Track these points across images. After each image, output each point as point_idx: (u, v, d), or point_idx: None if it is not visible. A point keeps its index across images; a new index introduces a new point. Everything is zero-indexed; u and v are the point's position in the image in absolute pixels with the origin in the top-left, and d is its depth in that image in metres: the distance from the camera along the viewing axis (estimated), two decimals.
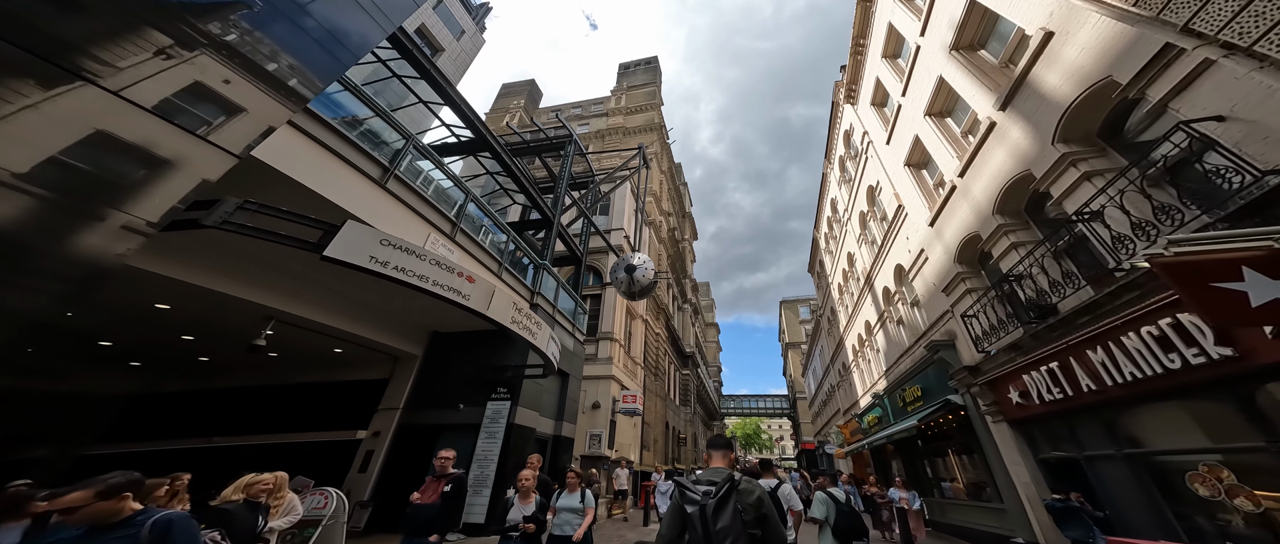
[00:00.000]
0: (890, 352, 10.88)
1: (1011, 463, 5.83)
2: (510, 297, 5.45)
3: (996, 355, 5.81)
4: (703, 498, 1.70)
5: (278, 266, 5.47)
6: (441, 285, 4.13)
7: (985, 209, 6.18)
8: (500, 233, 8.63)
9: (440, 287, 4.11)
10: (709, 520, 1.65)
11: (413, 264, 3.90)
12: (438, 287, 4.08)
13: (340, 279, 5.82)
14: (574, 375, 10.60)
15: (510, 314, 5.20)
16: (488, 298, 4.77)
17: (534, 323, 5.92)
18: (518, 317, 5.44)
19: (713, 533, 1.62)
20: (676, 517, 1.76)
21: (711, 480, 1.79)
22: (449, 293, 4.18)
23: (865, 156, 11.01)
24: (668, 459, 20.24)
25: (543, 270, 9.78)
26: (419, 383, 7.92)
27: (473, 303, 4.48)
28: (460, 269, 4.48)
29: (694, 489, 1.76)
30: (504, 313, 5.06)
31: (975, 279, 6.85)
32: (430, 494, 3.38)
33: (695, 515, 1.67)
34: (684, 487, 1.80)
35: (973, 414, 6.80)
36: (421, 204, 6.08)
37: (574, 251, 13.37)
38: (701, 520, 1.65)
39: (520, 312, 5.54)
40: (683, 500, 1.75)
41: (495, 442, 7.11)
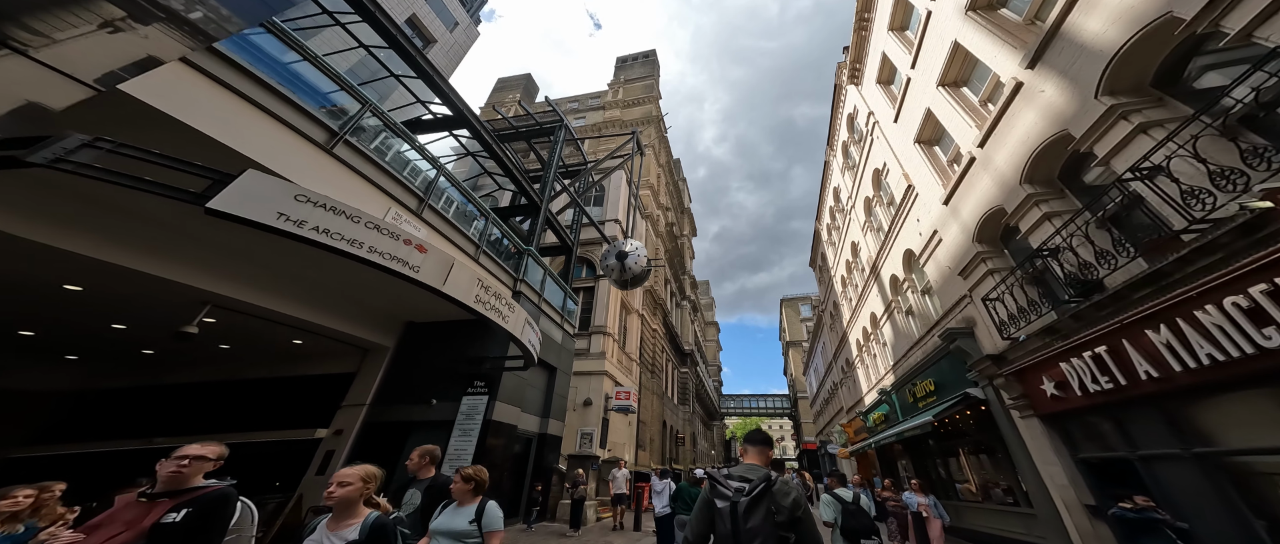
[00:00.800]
0: (898, 344, 10.18)
1: (1044, 463, 5.13)
2: (475, 273, 4.78)
3: (1026, 342, 5.12)
4: (735, 494, 1.63)
5: (214, 243, 4.80)
6: (381, 253, 3.46)
7: (1011, 179, 5.50)
8: (479, 215, 7.95)
9: (380, 254, 3.44)
10: (739, 518, 1.57)
11: (340, 226, 3.23)
12: (375, 254, 3.41)
13: (287, 256, 5.15)
14: (562, 370, 9.92)
15: (473, 292, 4.52)
16: (443, 271, 4.09)
17: (505, 305, 5.25)
18: (484, 296, 4.76)
19: (742, 531, 1.55)
20: (705, 511, 1.69)
21: (746, 477, 1.70)
22: (390, 262, 3.51)
23: (870, 139, 10.33)
24: (665, 459, 19.54)
25: (528, 256, 9.11)
26: (389, 377, 7.24)
27: (423, 276, 3.80)
28: (408, 236, 3.80)
29: (726, 484, 1.68)
30: (464, 290, 4.38)
31: (998, 259, 6.16)
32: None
33: (725, 511, 1.61)
34: (716, 480, 1.72)
35: (995, 409, 6.11)
36: (380, 174, 5.41)
37: (565, 241, 12.70)
38: (731, 517, 1.59)
39: (487, 290, 4.86)
40: (713, 495, 1.68)
41: (470, 440, 6.43)
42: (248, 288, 5.26)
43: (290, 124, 4.22)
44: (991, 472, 7.12)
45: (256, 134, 3.81)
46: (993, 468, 7.08)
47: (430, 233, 6.29)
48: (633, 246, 10.56)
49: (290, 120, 4.23)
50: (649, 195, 22.70)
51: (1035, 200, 5.12)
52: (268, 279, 5.47)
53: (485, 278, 5.31)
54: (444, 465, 6.30)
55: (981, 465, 7.51)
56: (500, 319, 5.07)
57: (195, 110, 3.29)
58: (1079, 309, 4.27)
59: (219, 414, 7.28)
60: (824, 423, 24.27)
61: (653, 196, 23.00)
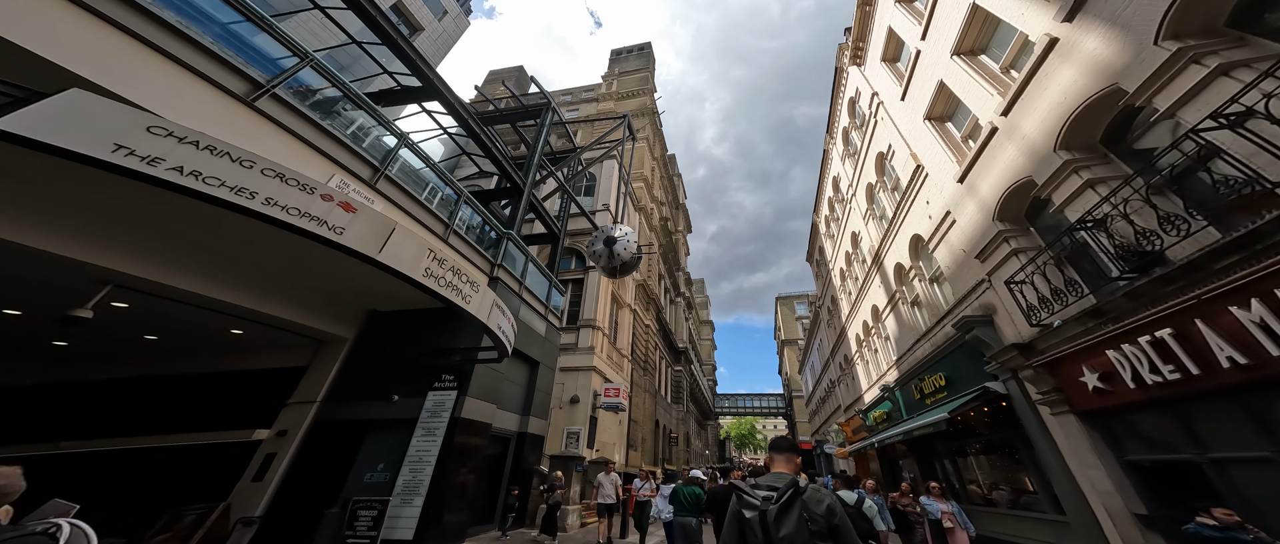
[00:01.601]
0: (903, 338, 9.56)
1: (1083, 466, 4.49)
2: (425, 243, 4.01)
3: (1062, 328, 4.47)
4: (763, 503, 1.57)
5: (111, 212, 3.97)
6: (285, 207, 2.68)
7: (1042, 147, 4.86)
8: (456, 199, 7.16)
9: (282, 208, 2.67)
10: (770, 527, 1.50)
11: (220, 169, 2.45)
12: (275, 207, 2.64)
13: (208, 229, 4.33)
14: (545, 364, 9.15)
15: (421, 264, 3.76)
16: (378, 235, 3.32)
17: (467, 284, 4.48)
18: (439, 271, 3.99)
19: (774, 541, 1.48)
20: (735, 524, 1.62)
21: (773, 486, 1.65)
22: (299, 219, 2.74)
23: (874, 121, 9.70)
24: (657, 459, 18.82)
25: (507, 241, 8.34)
26: (346, 371, 6.42)
27: (350, 240, 3.03)
28: (328, 192, 3.04)
29: (753, 493, 1.63)
30: (409, 260, 3.61)
31: (1023, 238, 5.52)
32: None
33: (754, 521, 1.54)
34: (742, 491, 1.67)
35: (1019, 405, 5.47)
36: (321, 137, 4.62)
37: (551, 229, 11.93)
38: (761, 527, 1.52)
39: (442, 264, 4.09)
40: (740, 505, 1.62)
41: (434, 439, 5.65)
42: (163, 267, 4.43)
43: (195, 69, 3.42)
44: (1011, 474, 6.48)
45: (141, 76, 3.02)
46: (1013, 470, 6.45)
47: (388, 206, 5.51)
48: (622, 232, 9.81)
49: (195, 65, 3.44)
50: (642, 188, 21.99)
51: (1074, 167, 4.47)
52: (190, 257, 4.64)
53: (442, 251, 4.55)
54: (404, 468, 5.53)
55: (999, 467, 6.88)
56: (460, 299, 4.30)
57: (54, 42, 2.50)
58: (1135, 286, 3.62)
59: (143, 414, 6.39)
60: (820, 422, 23.72)
61: (646, 189, 22.29)
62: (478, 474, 6.66)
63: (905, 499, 5.57)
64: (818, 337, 21.51)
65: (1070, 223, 4.40)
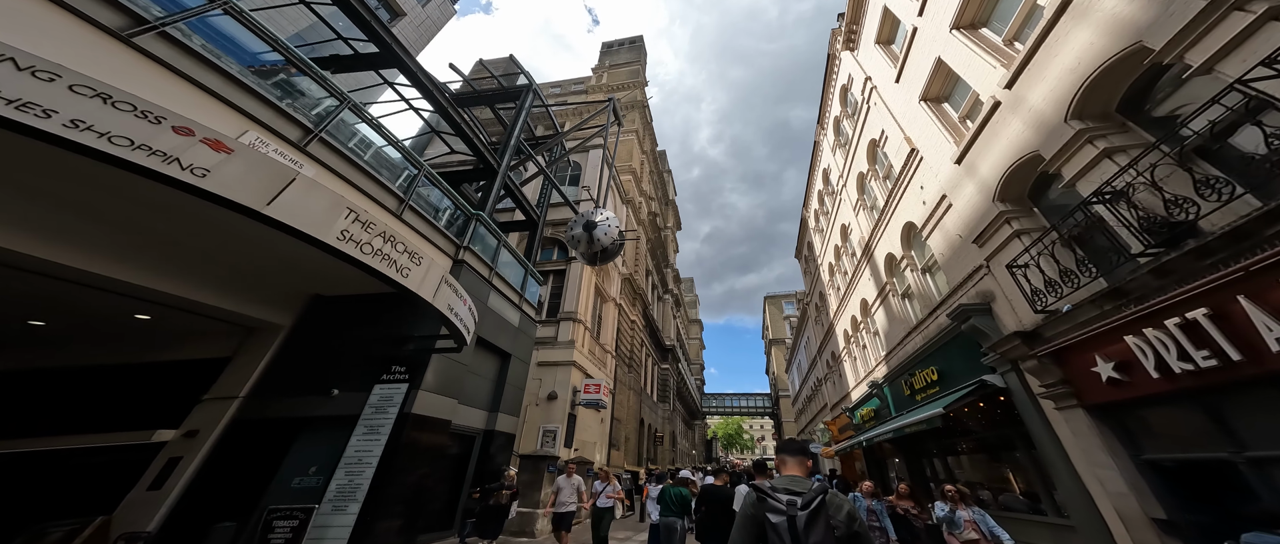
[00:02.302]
0: (892, 332, 9.18)
1: (1094, 465, 4.07)
2: (341, 200, 3.34)
3: (1072, 313, 4.05)
4: (788, 508, 1.52)
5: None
6: (101, 132, 1.99)
7: (1051, 118, 4.44)
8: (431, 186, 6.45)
9: (96, 133, 1.98)
10: (800, 534, 1.47)
11: None
12: (91, 134, 1.95)
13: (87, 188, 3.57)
14: (518, 357, 8.48)
15: (335, 224, 3.08)
16: (268, 185, 2.65)
17: (406, 256, 3.82)
18: (362, 234, 3.32)
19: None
20: (751, 528, 1.56)
21: (791, 489, 1.60)
22: (122, 149, 2.04)
23: (866, 107, 9.31)
24: (641, 459, 18.25)
25: (476, 222, 7.66)
26: (279, 362, 5.66)
27: (216, 184, 2.34)
28: (188, 125, 2.36)
29: (777, 497, 1.57)
30: (316, 218, 2.93)
31: (1026, 219, 5.11)
32: None
33: (782, 527, 1.50)
34: (765, 494, 1.61)
35: (1019, 399, 5.05)
36: (227, 86, 3.89)
37: (530, 215, 11.24)
38: (790, 533, 1.48)
39: (368, 228, 3.42)
40: (765, 510, 1.56)
41: (377, 438, 4.94)
42: (32, 238, 3.64)
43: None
44: (1007, 474, 6.09)
45: None
46: (1010, 469, 6.06)
47: (322, 172, 4.79)
48: (603, 217, 9.20)
49: None
50: (631, 181, 21.40)
51: (1089, 137, 4.05)
52: (73, 225, 3.85)
53: (371, 212, 3.87)
54: (339, 471, 4.82)
55: (994, 466, 6.50)
56: (394, 272, 3.63)
57: None
58: (1163, 262, 3.18)
59: (23, 414, 5.48)
60: (806, 421, 23.48)
61: (634, 182, 21.71)
62: (434, 476, 5.98)
63: (906, 502, 4.78)
64: (805, 334, 21.24)
65: (1083, 197, 3.97)
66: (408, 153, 6.18)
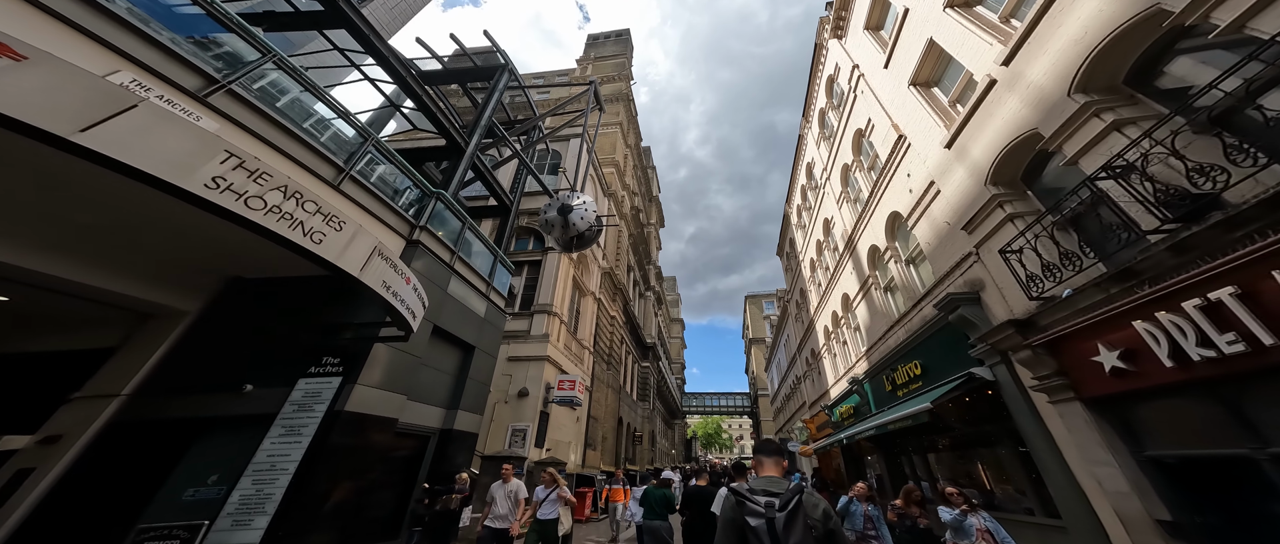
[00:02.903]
0: (874, 326, 8.96)
1: (1090, 462, 3.77)
2: (219, 141, 2.61)
3: (1073, 298, 3.74)
4: (767, 510, 1.51)
5: None
6: None
7: (1054, 92, 4.15)
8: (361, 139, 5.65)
9: None
10: (779, 535, 1.45)
11: None
12: None
13: None
14: (483, 350, 7.74)
15: (202, 167, 2.35)
16: (94, 107, 1.91)
17: (316, 215, 3.10)
18: (247, 184, 2.59)
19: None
20: (733, 532, 1.53)
21: (769, 490, 1.60)
22: None
23: (853, 96, 9.05)
24: (619, 459, 17.67)
25: (436, 200, 6.90)
26: (180, 353, 4.75)
27: None
28: None
29: (754, 500, 1.55)
30: (169, 156, 2.20)
31: (1020, 202, 4.84)
32: None
33: (761, 529, 1.48)
34: (743, 497, 1.59)
35: (1009, 393, 4.77)
36: (98, 20, 3.09)
37: (503, 200, 10.47)
38: (769, 534, 1.47)
39: (261, 180, 2.70)
40: (743, 512, 1.55)
41: (298, 440, 4.16)
42: None
43: None
44: (993, 472, 5.85)
45: None
46: (995, 467, 5.82)
47: (228, 128, 3.98)
48: (579, 200, 8.59)
49: None
50: (613, 174, 20.79)
51: (1095, 110, 3.75)
52: None
53: (264, 160, 3.14)
54: (244, 480, 4.02)
55: (978, 464, 6.26)
56: (298, 233, 2.91)
57: None
58: (1182, 238, 2.86)
59: None
60: (784, 420, 23.48)
61: (617, 175, 21.12)
62: (377, 481, 5.22)
63: (914, 509, 3.96)
64: (785, 332, 21.18)
65: (1088, 174, 3.66)
66: (339, 108, 5.35)
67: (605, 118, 24.03)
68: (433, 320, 6.35)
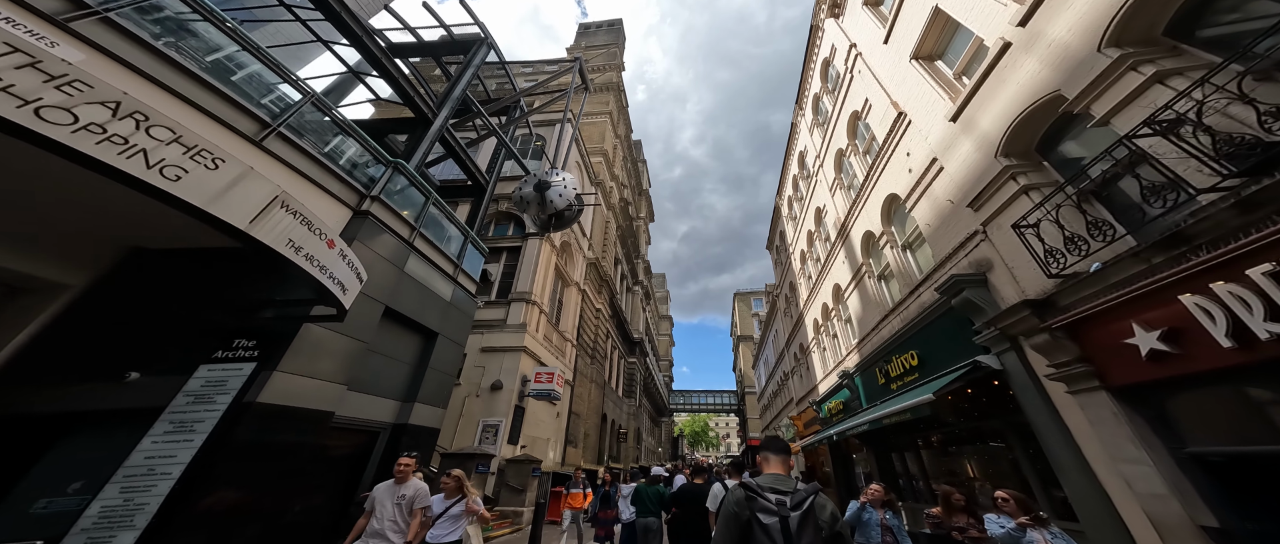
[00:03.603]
0: (866, 317, 8.53)
1: (1118, 460, 3.31)
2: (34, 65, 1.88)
3: (1101, 273, 3.26)
4: (779, 508, 1.47)
5: None
6: None
7: (1080, 49, 3.68)
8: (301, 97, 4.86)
9: None
10: (794, 534, 1.41)
11: None
12: None
13: None
14: (448, 337, 6.98)
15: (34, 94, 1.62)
16: None
17: (183, 151, 2.38)
18: (91, 113, 1.87)
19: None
20: (736, 527, 1.47)
21: (777, 488, 1.54)
22: None
23: (850, 77, 8.59)
24: (602, 457, 17.03)
25: (393, 170, 6.15)
26: (52, 336, 3.92)
27: None
28: None
29: (766, 496, 1.51)
30: None
31: (1036, 173, 4.37)
32: None
33: (774, 528, 1.43)
34: (756, 493, 1.52)
35: (1019, 383, 4.31)
36: None
37: (477, 178, 9.69)
38: (783, 533, 1.42)
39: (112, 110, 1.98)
40: (756, 509, 1.48)
41: (187, 439, 3.40)
42: None
43: None
44: (994, 471, 5.42)
45: None
46: (996, 466, 5.39)
47: (97, 58, 3.19)
48: (558, 177, 7.93)
49: None
50: (601, 163, 20.09)
51: (1133, 63, 3.27)
52: None
53: (159, 107, 2.41)
54: (112, 485, 3.23)
55: (978, 462, 5.84)
56: (136, 164, 2.19)
57: None
58: (1254, 192, 2.37)
59: None
60: (771, 417, 23.20)
61: (606, 166, 20.42)
62: (304, 485, 4.48)
63: (959, 518, 3.32)
64: (773, 327, 20.85)
65: (1122, 134, 3.18)
66: (246, 41, 4.54)
67: (595, 107, 23.31)
68: (385, 302, 5.61)
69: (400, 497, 3.47)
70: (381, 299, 5.56)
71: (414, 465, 3.59)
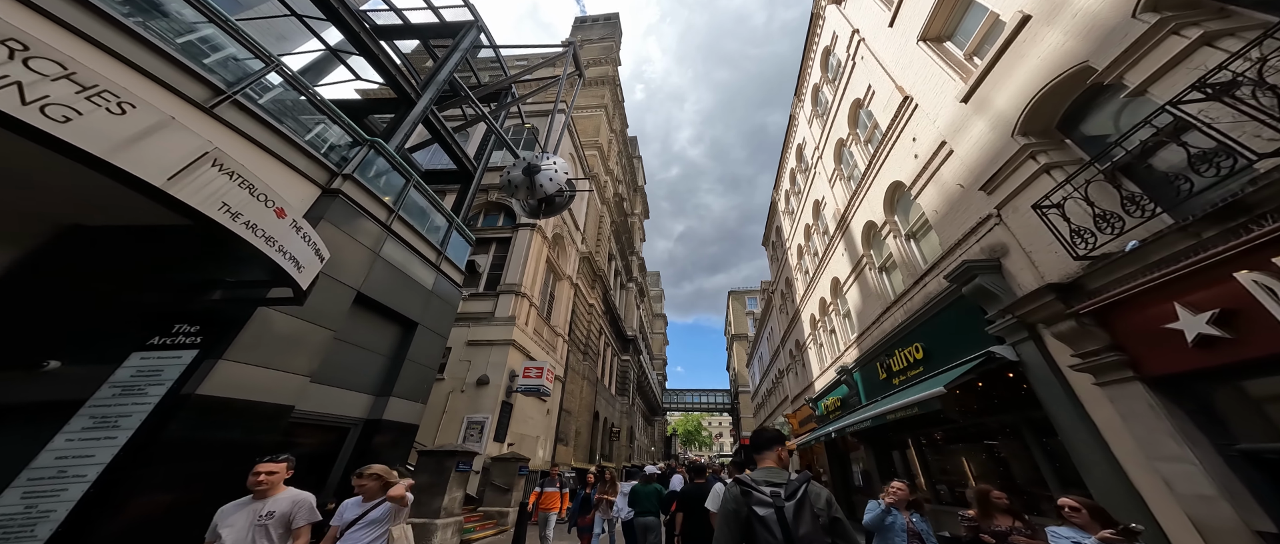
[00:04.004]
0: (866, 311, 8.24)
1: (1157, 458, 3.01)
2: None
3: (1138, 252, 2.96)
4: (774, 499, 1.46)
5: None
6: None
7: (1111, 17, 3.38)
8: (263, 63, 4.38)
9: None
10: (790, 524, 1.40)
11: None
12: None
13: None
14: (429, 328, 6.52)
15: None
16: None
17: (87, 96, 1.95)
18: None
19: (796, 538, 1.38)
20: (735, 524, 1.46)
21: (771, 481, 1.54)
22: None
23: (851, 64, 8.29)
24: (593, 455, 16.61)
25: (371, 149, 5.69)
26: None
27: None
28: None
29: (760, 489, 1.50)
30: None
31: (1057, 151, 4.08)
32: None
33: (770, 520, 1.42)
34: (750, 487, 1.51)
35: (1038, 375, 4.02)
36: None
37: (464, 164, 9.20)
38: (779, 524, 1.41)
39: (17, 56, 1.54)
40: (752, 503, 1.48)
41: (110, 436, 2.93)
42: None
43: None
44: (1001, 470, 5.14)
45: None
46: (1003, 464, 5.10)
47: (25, 11, 2.70)
48: (550, 161, 7.51)
49: None
50: (596, 157, 19.67)
51: (1175, 26, 2.96)
52: None
53: (97, 69, 1.95)
54: (11, 490, 2.69)
55: (983, 460, 5.56)
56: (31, 111, 1.76)
57: None
58: None
59: None
60: (765, 416, 22.97)
61: (600, 159, 20.00)
62: None
63: (1005, 520, 2.81)
64: (768, 324, 20.61)
65: (1163, 103, 2.88)
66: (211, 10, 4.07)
67: (590, 100, 22.87)
68: (357, 287, 5.15)
69: (264, 516, 2.35)
70: (352, 284, 5.11)
71: (280, 474, 2.58)
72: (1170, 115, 2.78)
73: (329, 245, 4.84)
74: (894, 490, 3.02)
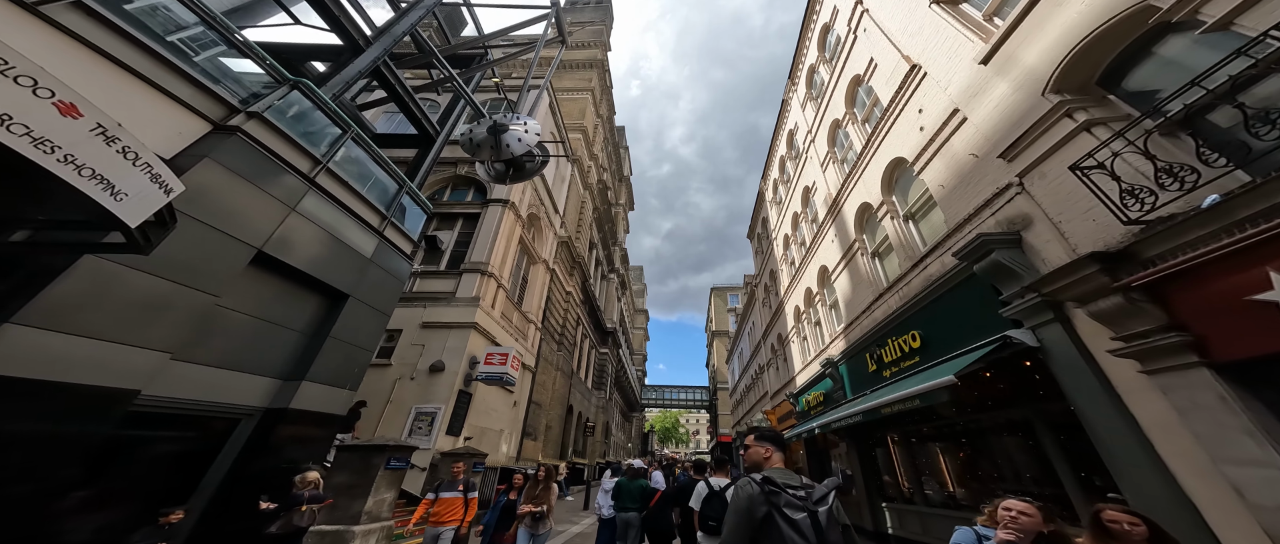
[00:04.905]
0: (856, 299, 7.73)
1: (1221, 460, 2.46)
2: None
3: (1220, 208, 2.38)
4: (804, 502, 1.40)
5: None
6: None
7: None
8: None
9: None
10: (825, 530, 1.35)
11: None
12: None
13: None
14: (362, 301, 5.42)
15: None
16: None
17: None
18: None
19: None
20: (747, 525, 1.37)
21: (790, 482, 1.46)
22: None
23: (853, 38, 7.72)
24: (565, 452, 15.69)
25: (297, 89, 4.63)
26: None
27: None
28: None
29: (792, 490, 1.41)
30: None
31: (1098, 108, 3.51)
32: None
33: (804, 524, 1.35)
34: (779, 488, 1.41)
35: (1064, 361, 3.47)
36: None
37: (424, 127, 8.07)
38: (814, 529, 1.35)
39: None
40: (780, 504, 1.38)
41: None
42: None
43: None
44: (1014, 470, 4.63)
45: None
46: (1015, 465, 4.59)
47: None
48: (519, 122, 6.55)
49: None
50: (581, 141, 18.63)
51: None
52: None
53: None
54: None
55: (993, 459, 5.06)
56: None
57: None
58: None
59: None
60: (743, 413, 22.67)
61: (585, 143, 18.98)
62: (90, 496, 2.96)
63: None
64: (750, 319, 20.22)
65: (1255, 33, 2.29)
66: None
67: (577, 83, 21.75)
68: (257, 245, 4.09)
69: None
70: (251, 241, 4.05)
71: None
72: (1276, 41, 2.19)
73: (214, 191, 3.79)
74: (1013, 516, 1.64)
